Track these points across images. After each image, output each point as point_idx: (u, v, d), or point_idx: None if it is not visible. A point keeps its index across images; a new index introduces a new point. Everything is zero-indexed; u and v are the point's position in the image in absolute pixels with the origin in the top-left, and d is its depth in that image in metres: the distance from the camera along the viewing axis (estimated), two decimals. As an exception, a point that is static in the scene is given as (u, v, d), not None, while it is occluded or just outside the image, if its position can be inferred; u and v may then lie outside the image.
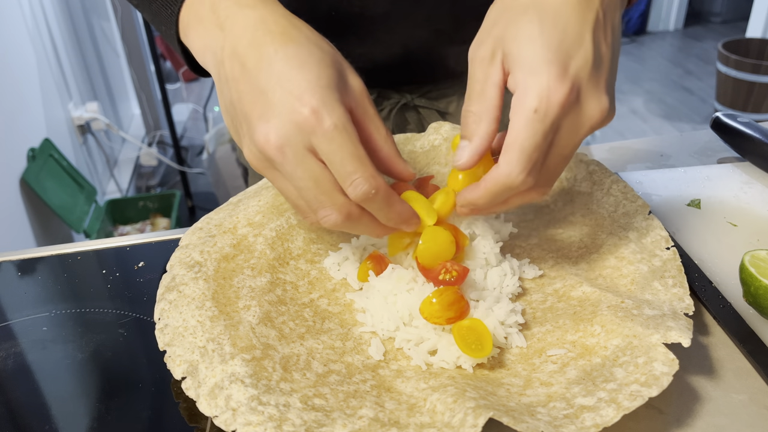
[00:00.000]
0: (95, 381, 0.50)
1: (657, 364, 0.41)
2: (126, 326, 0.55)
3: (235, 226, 0.57)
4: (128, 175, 2.76)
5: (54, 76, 2.23)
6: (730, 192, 0.66)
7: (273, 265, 0.55)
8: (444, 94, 0.80)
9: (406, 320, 0.50)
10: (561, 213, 0.60)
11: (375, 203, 0.44)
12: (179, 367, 0.44)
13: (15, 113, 1.90)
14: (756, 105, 3.06)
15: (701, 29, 4.53)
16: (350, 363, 0.47)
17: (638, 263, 0.52)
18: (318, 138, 0.41)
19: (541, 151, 0.43)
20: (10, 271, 0.63)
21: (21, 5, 2.04)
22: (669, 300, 0.48)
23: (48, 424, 0.46)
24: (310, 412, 0.41)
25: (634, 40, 4.43)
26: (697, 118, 3.31)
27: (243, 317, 0.48)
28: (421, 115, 0.80)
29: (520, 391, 0.43)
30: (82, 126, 2.40)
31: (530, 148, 0.42)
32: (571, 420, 0.39)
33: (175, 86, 3.40)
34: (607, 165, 0.73)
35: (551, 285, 0.54)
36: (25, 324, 0.56)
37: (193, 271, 0.52)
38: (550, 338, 0.48)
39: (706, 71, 3.82)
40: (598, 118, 0.43)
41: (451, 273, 0.50)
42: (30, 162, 1.93)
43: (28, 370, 0.51)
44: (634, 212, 0.57)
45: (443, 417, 0.40)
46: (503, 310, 0.49)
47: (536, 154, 0.42)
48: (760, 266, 0.48)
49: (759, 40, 3.19)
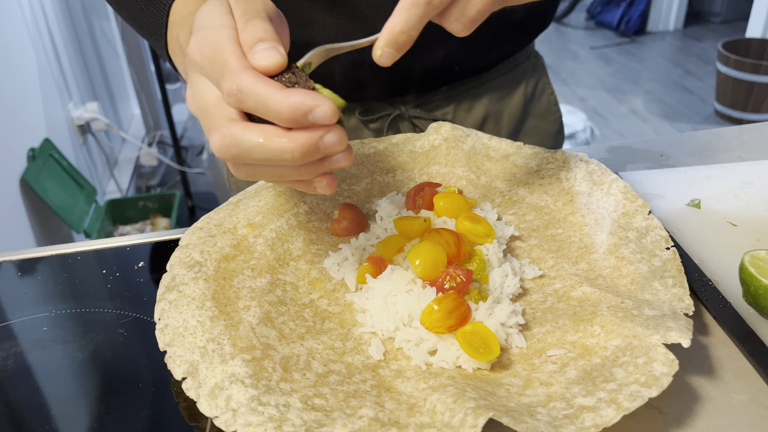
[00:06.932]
0: (95, 381, 0.50)
1: (657, 365, 0.41)
2: (126, 326, 0.55)
3: (235, 227, 0.57)
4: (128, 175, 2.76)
5: (54, 76, 2.23)
6: (730, 192, 0.66)
7: (273, 266, 0.55)
8: (438, 106, 0.80)
9: (406, 321, 0.50)
10: (561, 213, 0.60)
11: (247, 101, 0.39)
12: (180, 368, 0.44)
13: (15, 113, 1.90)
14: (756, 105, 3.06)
15: (701, 29, 4.53)
16: (350, 363, 0.47)
17: (638, 263, 0.52)
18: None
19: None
20: (10, 271, 0.63)
21: (21, 5, 2.04)
22: (669, 300, 0.48)
23: (48, 424, 0.46)
24: (310, 412, 0.41)
25: (634, 40, 4.43)
26: (697, 118, 3.31)
27: (243, 317, 0.48)
28: (416, 126, 0.80)
29: (520, 392, 0.43)
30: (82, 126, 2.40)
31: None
32: (571, 420, 0.39)
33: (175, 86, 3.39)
34: (607, 165, 0.73)
35: (551, 285, 0.54)
36: (25, 324, 0.56)
37: (193, 271, 0.52)
38: (550, 338, 0.48)
39: (706, 71, 3.82)
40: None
41: (455, 279, 0.50)
42: (30, 162, 1.93)
43: (28, 370, 0.51)
44: (634, 212, 0.57)
45: (443, 417, 0.40)
46: (504, 311, 0.49)
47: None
48: (760, 266, 0.48)
49: (759, 40, 3.19)
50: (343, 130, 0.40)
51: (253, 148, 0.39)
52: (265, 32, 0.41)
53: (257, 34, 0.41)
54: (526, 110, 0.85)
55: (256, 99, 0.38)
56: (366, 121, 0.78)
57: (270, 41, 0.40)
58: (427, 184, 0.60)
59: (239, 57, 0.40)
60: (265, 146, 0.39)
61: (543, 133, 0.87)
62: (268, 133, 0.39)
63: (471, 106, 0.80)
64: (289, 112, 0.38)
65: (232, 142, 0.40)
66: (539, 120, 0.87)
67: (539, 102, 0.86)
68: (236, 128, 0.40)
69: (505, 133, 0.84)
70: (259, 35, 0.41)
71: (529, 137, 0.86)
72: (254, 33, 0.41)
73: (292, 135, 0.39)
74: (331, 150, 0.40)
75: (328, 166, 0.42)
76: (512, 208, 0.63)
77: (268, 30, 0.41)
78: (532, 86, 0.84)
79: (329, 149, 0.40)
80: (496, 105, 0.82)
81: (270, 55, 0.40)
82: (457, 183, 0.66)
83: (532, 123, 0.86)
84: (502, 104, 0.82)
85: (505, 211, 0.63)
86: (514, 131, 0.85)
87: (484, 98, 0.80)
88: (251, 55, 0.40)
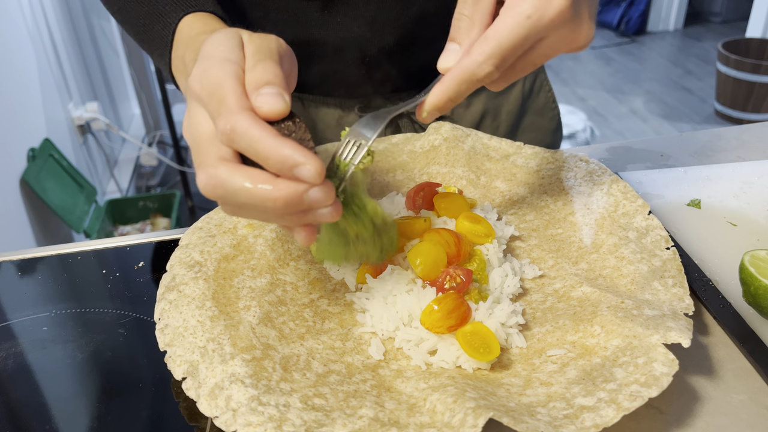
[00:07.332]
0: (95, 381, 0.50)
1: (657, 365, 0.41)
2: (126, 326, 0.55)
3: (235, 227, 0.57)
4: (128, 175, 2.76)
5: (54, 76, 2.23)
6: (730, 192, 0.66)
7: (273, 266, 0.55)
8: None
9: (406, 321, 0.50)
10: (561, 213, 0.60)
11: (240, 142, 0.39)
12: (180, 368, 0.44)
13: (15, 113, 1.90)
14: (756, 105, 3.06)
15: (701, 29, 4.53)
16: (350, 363, 0.47)
17: (638, 263, 0.52)
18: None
19: (517, 53, 0.43)
20: (10, 271, 0.64)
21: (21, 5, 2.04)
22: (669, 300, 0.48)
23: (48, 424, 0.46)
24: (310, 412, 0.41)
25: (634, 40, 4.43)
26: (697, 118, 3.31)
27: (243, 317, 0.48)
28: (414, 122, 0.80)
29: (520, 391, 0.43)
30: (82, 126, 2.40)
31: (508, 47, 0.42)
32: (571, 420, 0.39)
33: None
34: (607, 165, 0.73)
35: (551, 285, 0.54)
36: (25, 324, 0.56)
37: (193, 270, 0.52)
38: (550, 338, 0.48)
39: (706, 71, 3.82)
40: (584, 42, 0.44)
41: (455, 279, 0.50)
42: (30, 162, 1.93)
43: (28, 370, 0.51)
44: (634, 212, 0.57)
45: (443, 417, 0.40)
46: (504, 311, 0.49)
47: (511, 53, 0.42)
48: (760, 266, 0.48)
49: (759, 40, 3.19)
50: (331, 187, 0.40)
51: (238, 192, 0.39)
52: (275, 76, 0.41)
53: (265, 77, 0.40)
54: (524, 107, 0.85)
55: (248, 142, 0.38)
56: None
57: (277, 86, 0.40)
58: (427, 184, 0.60)
59: (238, 96, 0.39)
60: (249, 192, 0.39)
61: (541, 129, 0.87)
62: (255, 178, 0.39)
63: (469, 102, 0.80)
64: (276, 161, 0.38)
65: (217, 183, 0.40)
66: (537, 117, 0.87)
67: (537, 99, 0.86)
68: (224, 170, 0.39)
69: (503, 130, 0.84)
70: (267, 78, 0.40)
71: (527, 134, 0.86)
72: (263, 75, 0.40)
73: (278, 184, 0.39)
74: (316, 205, 0.40)
75: (312, 218, 0.42)
76: (512, 208, 0.63)
77: (277, 74, 0.41)
78: (529, 83, 0.85)
79: (313, 204, 0.40)
80: (494, 101, 0.82)
81: (274, 101, 0.39)
82: (457, 183, 0.66)
83: (530, 120, 0.86)
84: (500, 101, 0.82)
85: (505, 211, 0.63)
86: (512, 128, 0.85)
87: (482, 95, 0.81)
88: (255, 97, 0.40)
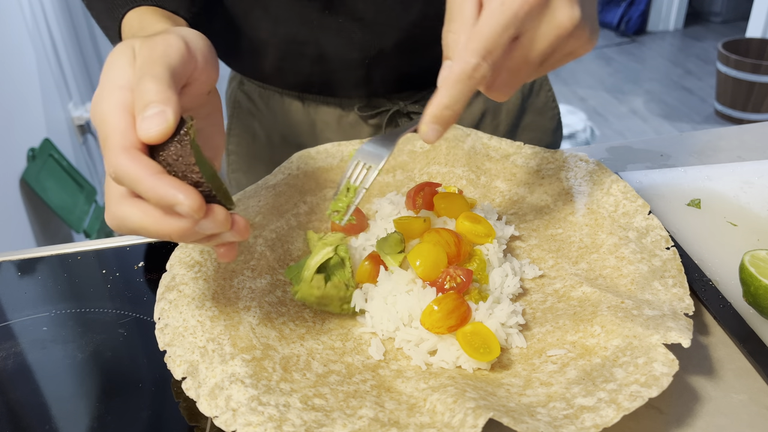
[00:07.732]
0: (95, 381, 0.50)
1: (657, 365, 0.41)
2: (126, 326, 0.55)
3: (235, 226, 0.57)
4: (128, 175, 2.76)
5: (54, 76, 2.23)
6: (730, 192, 0.66)
7: (273, 266, 0.55)
8: None
9: (406, 321, 0.50)
10: (561, 213, 0.60)
11: (124, 182, 0.39)
12: (179, 368, 0.44)
13: (15, 113, 1.90)
14: (756, 105, 3.06)
15: (701, 29, 4.53)
16: (350, 363, 0.47)
17: (638, 263, 0.52)
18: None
19: (499, 42, 0.43)
20: (10, 271, 0.64)
21: (21, 5, 2.04)
22: (669, 300, 0.48)
23: (48, 424, 0.46)
24: (310, 412, 0.41)
25: (634, 40, 4.43)
26: (697, 118, 3.31)
27: (243, 317, 0.48)
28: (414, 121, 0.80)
29: (520, 392, 0.43)
30: (82, 126, 2.40)
31: (489, 36, 0.42)
32: (571, 420, 0.39)
33: (175, 86, 3.39)
34: (607, 165, 0.73)
35: (551, 285, 0.54)
36: (25, 324, 0.56)
37: (193, 270, 0.52)
38: (550, 338, 0.48)
39: (706, 71, 3.82)
40: (568, 26, 0.43)
41: (455, 279, 0.50)
42: (30, 162, 1.93)
43: (28, 370, 0.51)
44: (634, 212, 0.57)
45: (443, 417, 0.40)
46: (504, 311, 0.49)
47: (493, 42, 0.42)
48: (760, 266, 0.48)
49: (759, 40, 3.19)
50: (222, 213, 0.40)
51: (138, 229, 0.40)
52: (156, 93, 0.39)
53: (148, 96, 0.38)
54: (524, 106, 0.85)
55: (130, 183, 0.38)
56: (365, 116, 0.79)
57: (158, 104, 0.38)
58: (427, 184, 0.60)
59: (120, 133, 0.38)
60: (148, 229, 0.40)
61: (541, 129, 0.87)
62: (149, 216, 0.39)
63: (469, 101, 0.80)
64: (156, 201, 0.38)
65: (120, 222, 0.40)
66: (537, 116, 0.87)
67: (537, 98, 0.86)
68: (123, 209, 0.40)
69: (503, 129, 0.84)
70: (149, 97, 0.38)
71: (527, 133, 0.86)
72: (145, 94, 0.39)
73: (167, 221, 0.39)
74: (211, 233, 0.40)
75: (219, 240, 0.42)
76: (512, 208, 0.63)
77: (159, 90, 0.39)
78: (529, 83, 0.84)
79: (208, 232, 0.40)
80: (494, 101, 0.82)
81: (156, 123, 0.38)
82: (457, 183, 0.66)
83: (530, 119, 0.86)
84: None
85: (505, 211, 0.63)
86: (512, 127, 0.85)
87: (483, 95, 0.81)
88: (140, 122, 0.38)
